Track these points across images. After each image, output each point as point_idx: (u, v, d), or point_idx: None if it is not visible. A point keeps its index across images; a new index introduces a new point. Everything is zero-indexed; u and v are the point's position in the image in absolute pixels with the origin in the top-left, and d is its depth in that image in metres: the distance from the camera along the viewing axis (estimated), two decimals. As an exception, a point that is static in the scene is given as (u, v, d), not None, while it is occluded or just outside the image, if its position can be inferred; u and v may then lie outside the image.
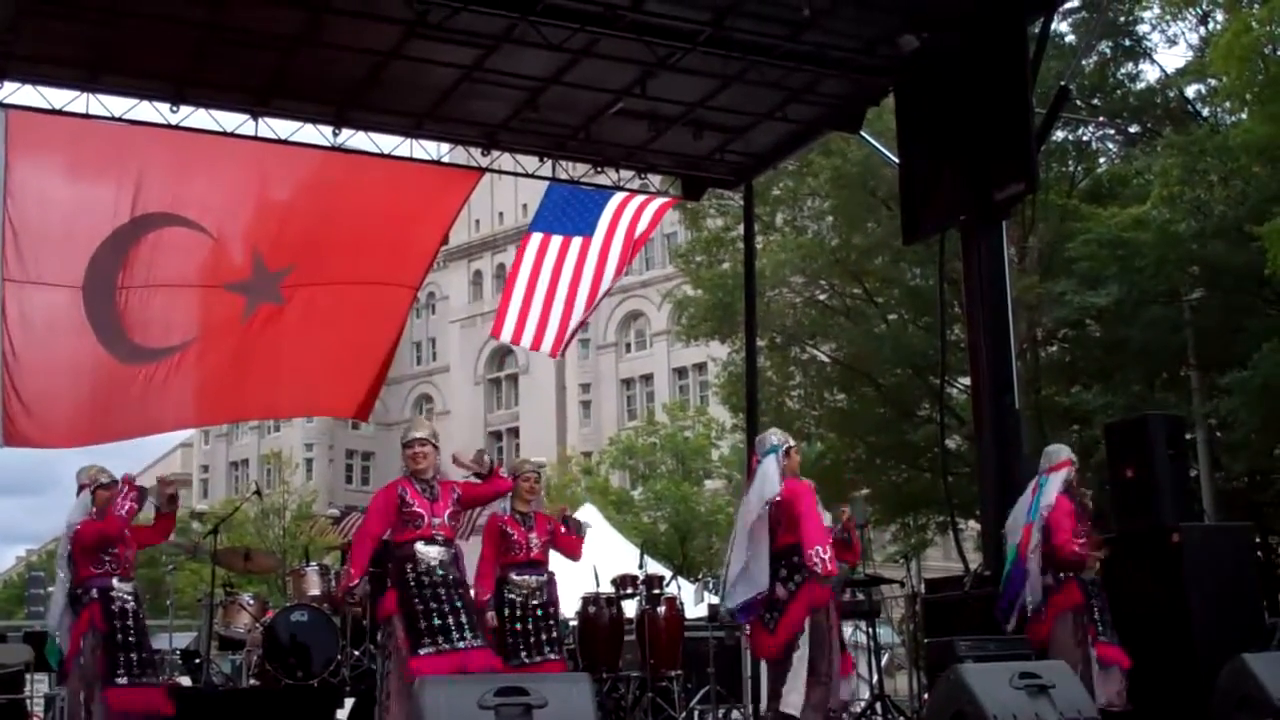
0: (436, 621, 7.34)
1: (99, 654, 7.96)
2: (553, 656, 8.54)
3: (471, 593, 7.89)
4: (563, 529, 9.01)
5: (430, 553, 7.55)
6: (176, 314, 11.99)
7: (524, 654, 8.42)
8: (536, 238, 14.28)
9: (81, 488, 8.46)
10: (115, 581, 8.21)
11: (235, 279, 12.17)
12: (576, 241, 13.98)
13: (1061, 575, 8.60)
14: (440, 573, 7.51)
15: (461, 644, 7.30)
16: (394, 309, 12.83)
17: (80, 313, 11.51)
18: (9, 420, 11.11)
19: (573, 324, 14.01)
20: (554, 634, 8.66)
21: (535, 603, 8.56)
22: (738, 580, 7.96)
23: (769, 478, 8.05)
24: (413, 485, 7.69)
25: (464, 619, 7.43)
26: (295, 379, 12.49)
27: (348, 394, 12.60)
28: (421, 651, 7.24)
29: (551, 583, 8.81)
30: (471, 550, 8.58)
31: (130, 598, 8.27)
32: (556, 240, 14.05)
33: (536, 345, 14.12)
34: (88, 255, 11.56)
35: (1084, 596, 8.56)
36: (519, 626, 8.49)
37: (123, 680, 7.94)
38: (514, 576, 8.60)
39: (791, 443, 8.42)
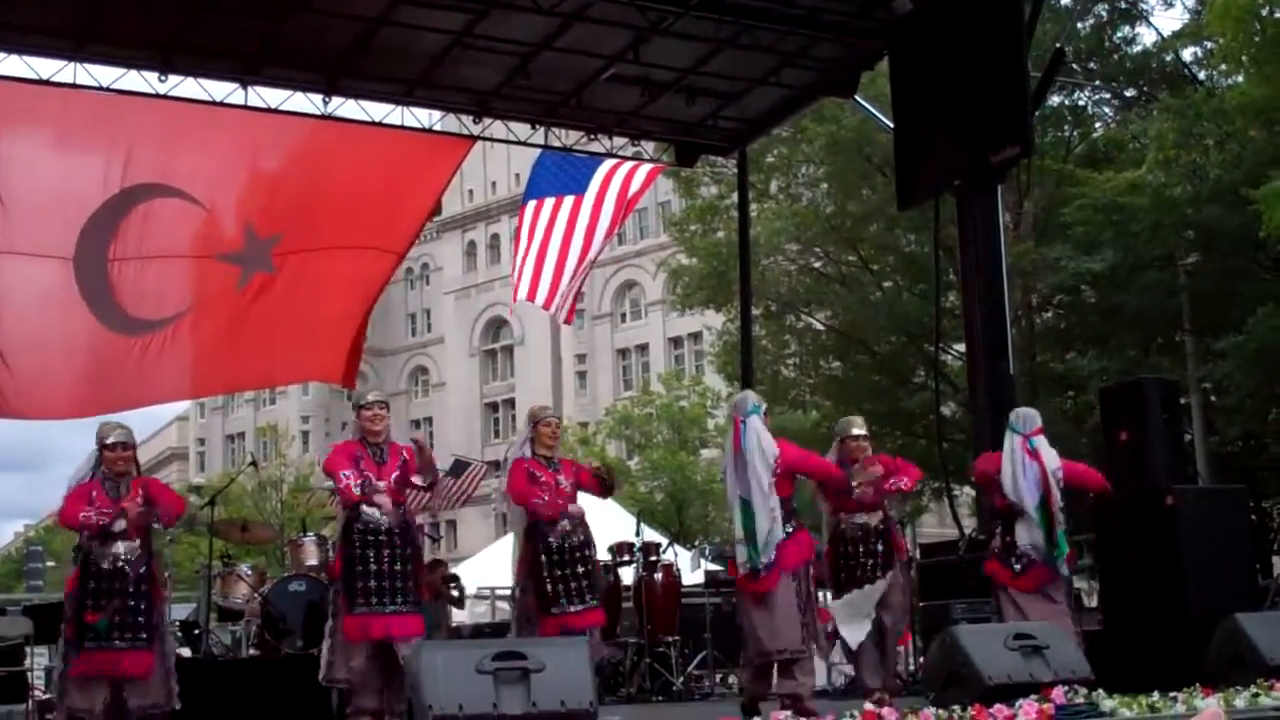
0: (373, 583, 7.70)
1: (70, 618, 7.66)
2: (594, 603, 8.49)
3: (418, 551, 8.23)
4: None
5: (375, 515, 7.85)
6: (170, 285, 11.94)
7: (565, 602, 8.32)
8: (531, 205, 14.39)
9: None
10: (95, 545, 7.69)
11: (228, 250, 12.13)
12: (569, 200, 14.09)
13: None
14: (385, 534, 7.82)
15: (391, 608, 7.69)
16: (378, 273, 12.78)
17: (72, 285, 11.46)
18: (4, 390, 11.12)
19: (569, 282, 14.14)
20: (592, 580, 8.56)
21: (569, 544, 8.46)
22: (768, 539, 7.90)
23: (766, 437, 8.08)
24: (364, 448, 8.02)
25: (399, 583, 7.77)
26: (288, 346, 12.48)
27: (337, 360, 12.60)
28: (355, 611, 7.67)
29: (584, 524, 8.66)
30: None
31: (114, 559, 7.67)
32: (549, 202, 14.15)
33: (548, 305, 14.28)
34: (78, 227, 11.50)
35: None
36: (557, 572, 8.38)
37: (90, 645, 7.56)
38: (544, 524, 8.46)
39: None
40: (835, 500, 8.77)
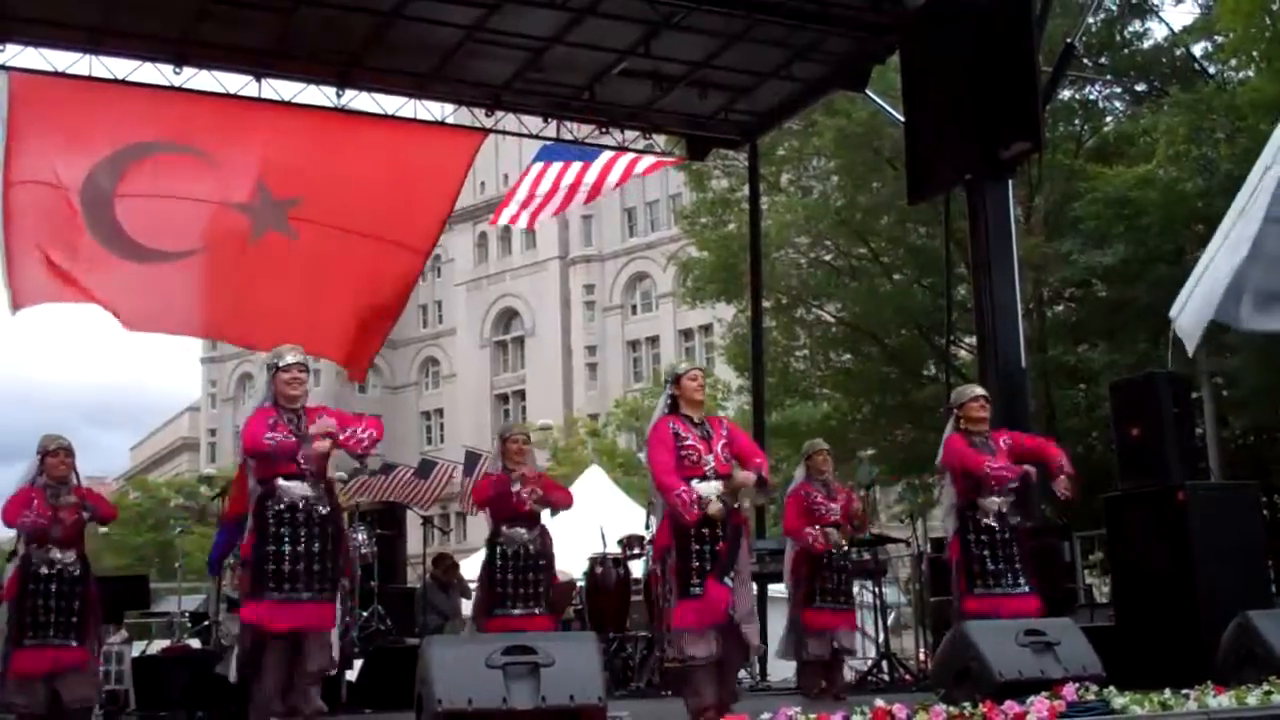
0: (287, 567, 6.88)
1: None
2: (538, 611, 8.74)
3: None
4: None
5: (293, 488, 6.99)
6: (181, 223, 12.07)
7: (510, 604, 8.71)
8: (537, 165, 15.00)
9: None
10: (34, 549, 7.95)
11: (239, 200, 12.23)
12: (577, 164, 14.74)
13: None
14: (303, 512, 6.97)
15: (307, 595, 6.90)
16: (404, 271, 12.83)
17: (76, 209, 11.59)
18: (15, 285, 11.25)
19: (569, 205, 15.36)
20: (542, 589, 8.87)
21: (525, 553, 8.83)
22: None
23: None
24: (280, 416, 7.04)
25: (316, 566, 6.94)
26: (305, 320, 12.54)
27: (351, 346, 12.67)
28: (265, 597, 6.85)
29: (544, 536, 9.08)
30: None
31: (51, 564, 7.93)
32: (557, 164, 14.77)
33: (531, 224, 15.54)
34: (85, 169, 11.64)
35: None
36: (510, 577, 8.76)
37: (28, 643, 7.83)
38: (505, 530, 8.87)
39: None
40: None
